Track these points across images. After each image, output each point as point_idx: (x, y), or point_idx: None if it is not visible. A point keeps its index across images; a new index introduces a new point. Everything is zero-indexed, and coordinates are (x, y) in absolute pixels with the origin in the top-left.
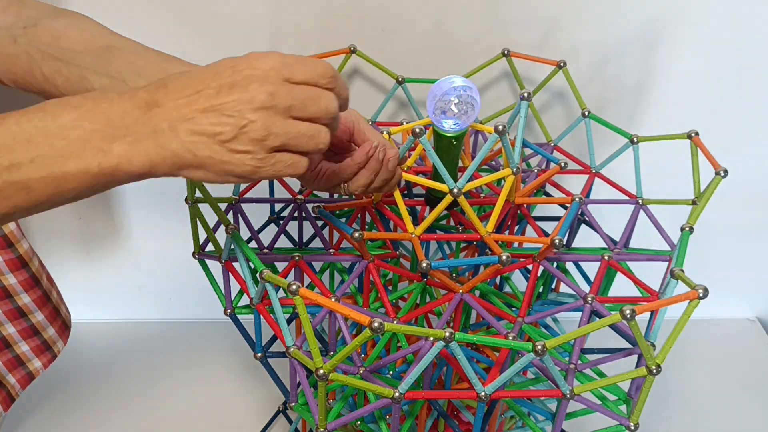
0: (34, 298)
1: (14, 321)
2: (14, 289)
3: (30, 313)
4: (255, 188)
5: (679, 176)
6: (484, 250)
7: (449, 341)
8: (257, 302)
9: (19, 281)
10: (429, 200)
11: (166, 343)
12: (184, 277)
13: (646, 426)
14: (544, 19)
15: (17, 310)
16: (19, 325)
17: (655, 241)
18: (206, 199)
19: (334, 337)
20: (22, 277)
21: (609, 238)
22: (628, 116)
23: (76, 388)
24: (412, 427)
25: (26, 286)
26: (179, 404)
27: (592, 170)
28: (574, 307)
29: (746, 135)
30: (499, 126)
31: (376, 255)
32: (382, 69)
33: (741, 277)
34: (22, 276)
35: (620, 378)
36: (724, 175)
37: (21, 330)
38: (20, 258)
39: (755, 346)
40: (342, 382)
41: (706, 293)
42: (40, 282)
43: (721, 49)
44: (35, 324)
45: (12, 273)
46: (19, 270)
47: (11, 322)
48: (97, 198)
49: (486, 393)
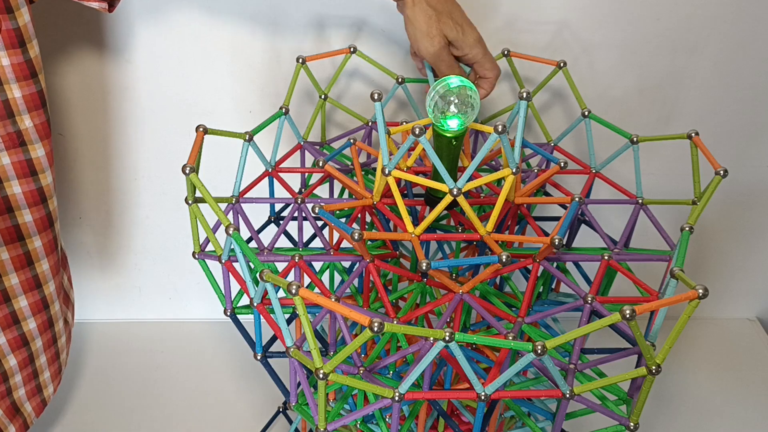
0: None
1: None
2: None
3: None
4: (255, 188)
5: (679, 176)
6: (484, 250)
7: (449, 341)
8: (257, 302)
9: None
10: (429, 200)
11: (166, 343)
12: (184, 277)
13: (646, 426)
14: (545, 19)
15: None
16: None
17: (655, 241)
18: (206, 199)
19: (334, 337)
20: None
21: (609, 238)
22: (628, 116)
23: (76, 388)
24: (412, 427)
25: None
26: (179, 404)
27: (592, 170)
28: (574, 307)
29: (746, 135)
30: (498, 126)
31: (376, 255)
32: (382, 69)
33: (741, 277)
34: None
35: (620, 378)
36: (724, 175)
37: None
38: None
39: (755, 346)
40: (342, 382)
41: (706, 293)
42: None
43: (721, 49)
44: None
45: None
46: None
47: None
48: (97, 198)
49: (486, 393)
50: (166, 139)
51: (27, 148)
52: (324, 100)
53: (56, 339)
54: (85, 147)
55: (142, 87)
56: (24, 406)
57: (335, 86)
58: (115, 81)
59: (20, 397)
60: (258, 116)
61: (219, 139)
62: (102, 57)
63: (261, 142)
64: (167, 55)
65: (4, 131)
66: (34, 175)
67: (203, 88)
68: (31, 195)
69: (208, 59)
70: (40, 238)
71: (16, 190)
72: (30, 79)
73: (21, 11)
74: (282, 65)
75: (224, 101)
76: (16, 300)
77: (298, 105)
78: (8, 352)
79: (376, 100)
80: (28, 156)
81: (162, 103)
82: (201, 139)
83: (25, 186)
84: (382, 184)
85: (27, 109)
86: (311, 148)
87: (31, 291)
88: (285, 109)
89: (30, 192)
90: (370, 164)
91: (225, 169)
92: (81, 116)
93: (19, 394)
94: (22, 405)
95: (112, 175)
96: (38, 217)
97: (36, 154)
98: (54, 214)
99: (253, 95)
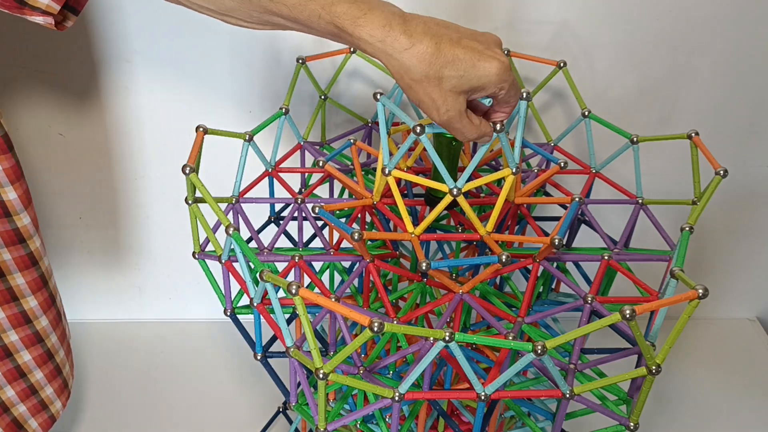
0: (35, 356)
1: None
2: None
3: (29, 372)
4: (255, 188)
5: (679, 176)
6: (484, 250)
7: (449, 341)
8: (257, 302)
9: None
10: (429, 200)
11: (166, 343)
12: (184, 277)
13: (646, 426)
14: (545, 19)
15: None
16: (18, 386)
17: (655, 241)
18: (206, 199)
19: (334, 337)
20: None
21: (609, 238)
22: (628, 116)
23: (76, 388)
24: (412, 427)
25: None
26: (179, 404)
27: (592, 170)
28: (574, 307)
29: (746, 135)
30: (497, 125)
31: (376, 255)
32: (382, 69)
33: (741, 277)
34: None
35: (620, 378)
36: (724, 175)
37: (21, 391)
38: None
39: (755, 346)
40: (342, 382)
41: (706, 293)
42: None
43: (721, 49)
44: (34, 384)
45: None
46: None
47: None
48: (96, 198)
49: (486, 393)
50: (166, 139)
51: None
52: (324, 100)
53: (52, 354)
54: (85, 147)
55: (142, 87)
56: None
57: (335, 86)
58: (115, 81)
59: (22, 413)
60: (258, 116)
61: (219, 139)
62: (102, 57)
63: (261, 142)
64: (167, 55)
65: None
66: (9, 215)
67: (203, 88)
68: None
69: (208, 59)
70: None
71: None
72: None
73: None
74: (282, 65)
75: (224, 101)
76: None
77: (298, 105)
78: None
79: (378, 99)
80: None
81: (162, 103)
82: (201, 139)
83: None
84: (382, 184)
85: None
86: (311, 148)
87: (11, 303)
88: (285, 109)
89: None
90: (370, 164)
91: (225, 169)
92: (81, 116)
93: (19, 410)
94: (25, 422)
95: (112, 175)
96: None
97: (8, 197)
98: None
99: (253, 95)
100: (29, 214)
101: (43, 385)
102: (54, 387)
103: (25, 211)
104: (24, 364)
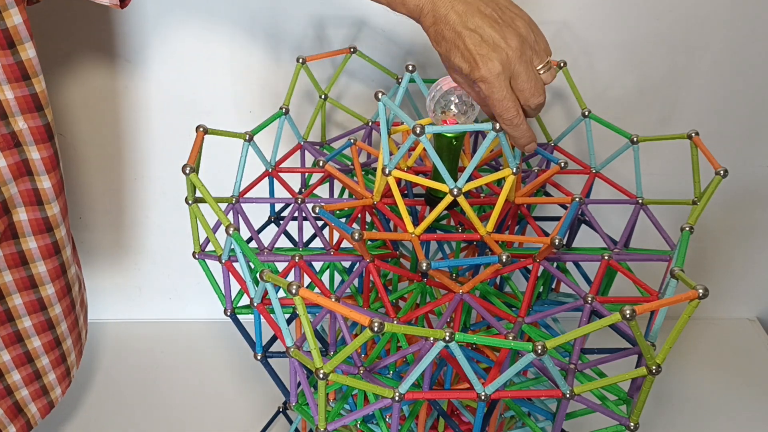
0: (45, 342)
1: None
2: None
3: (37, 357)
4: (255, 188)
5: (679, 176)
6: (484, 250)
7: (449, 341)
8: (257, 302)
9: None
10: (429, 200)
11: (166, 343)
12: (184, 277)
13: (646, 426)
14: (545, 19)
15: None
16: (25, 371)
17: (655, 241)
18: (206, 199)
19: (334, 337)
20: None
21: (609, 238)
22: (628, 116)
23: (76, 388)
24: (412, 427)
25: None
26: (179, 404)
27: (592, 170)
28: (574, 307)
29: (746, 135)
30: (497, 125)
31: (376, 255)
32: (382, 69)
33: (741, 277)
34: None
35: (620, 378)
36: (724, 175)
37: (26, 376)
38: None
39: (755, 346)
40: (342, 382)
41: (706, 293)
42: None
43: (721, 48)
44: (39, 368)
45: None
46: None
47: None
48: (96, 198)
49: (486, 393)
50: (166, 139)
51: (23, 149)
52: (324, 100)
53: (60, 341)
54: (85, 147)
55: (142, 87)
56: (28, 407)
57: (335, 86)
58: (115, 81)
59: (23, 397)
60: (258, 116)
61: (219, 139)
62: (102, 57)
63: (261, 142)
64: (167, 55)
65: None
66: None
67: (203, 88)
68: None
69: (208, 59)
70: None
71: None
72: (22, 81)
73: (9, 12)
74: (282, 65)
75: (224, 101)
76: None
77: (298, 105)
78: (12, 368)
79: (379, 99)
80: (23, 156)
81: (162, 103)
82: (201, 139)
83: (25, 187)
84: (383, 184)
85: (20, 111)
86: (311, 148)
87: (25, 290)
88: (285, 109)
89: (34, 214)
90: (370, 164)
91: (225, 169)
92: (81, 116)
93: (22, 394)
94: (26, 405)
95: (112, 175)
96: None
97: (42, 185)
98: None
99: (253, 95)
100: (59, 203)
101: (48, 371)
102: (57, 373)
103: (56, 200)
104: (33, 349)
